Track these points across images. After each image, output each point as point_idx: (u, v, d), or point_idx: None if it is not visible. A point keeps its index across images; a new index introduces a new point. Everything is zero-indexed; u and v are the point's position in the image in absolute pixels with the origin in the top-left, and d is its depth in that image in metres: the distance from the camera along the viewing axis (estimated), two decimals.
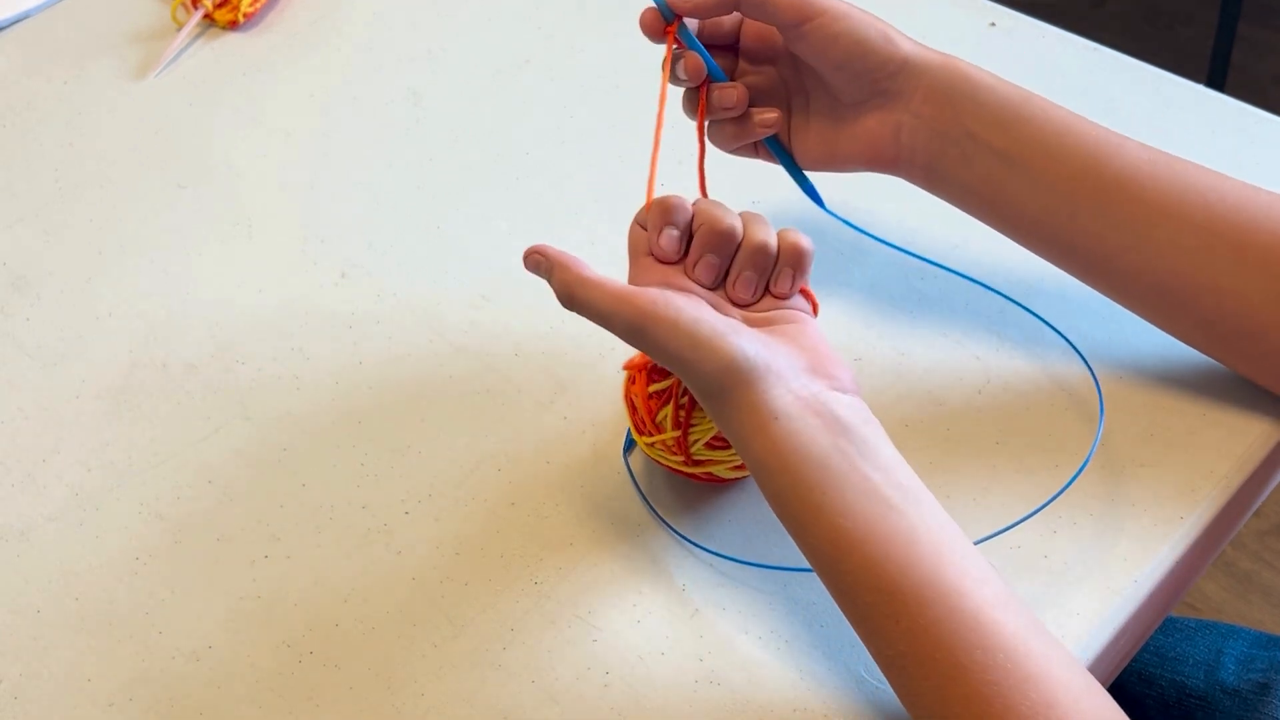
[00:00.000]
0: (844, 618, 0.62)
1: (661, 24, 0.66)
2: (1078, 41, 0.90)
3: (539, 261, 0.63)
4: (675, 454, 0.65)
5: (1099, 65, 0.89)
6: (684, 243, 0.63)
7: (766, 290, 0.63)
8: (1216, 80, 1.97)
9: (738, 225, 0.62)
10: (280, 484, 0.70)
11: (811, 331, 0.62)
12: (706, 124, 0.70)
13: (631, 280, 0.64)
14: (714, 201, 0.64)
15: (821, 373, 0.59)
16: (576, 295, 0.60)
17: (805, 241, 0.63)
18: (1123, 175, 0.65)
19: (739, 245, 0.63)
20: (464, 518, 0.68)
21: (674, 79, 0.68)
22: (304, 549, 0.68)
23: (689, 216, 0.63)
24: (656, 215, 0.63)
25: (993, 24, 0.92)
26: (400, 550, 0.67)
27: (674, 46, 0.67)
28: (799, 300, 0.64)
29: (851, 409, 0.58)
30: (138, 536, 0.69)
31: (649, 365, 0.65)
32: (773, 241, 0.63)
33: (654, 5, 0.66)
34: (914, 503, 0.56)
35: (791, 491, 0.57)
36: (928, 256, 0.77)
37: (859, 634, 0.57)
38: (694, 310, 0.59)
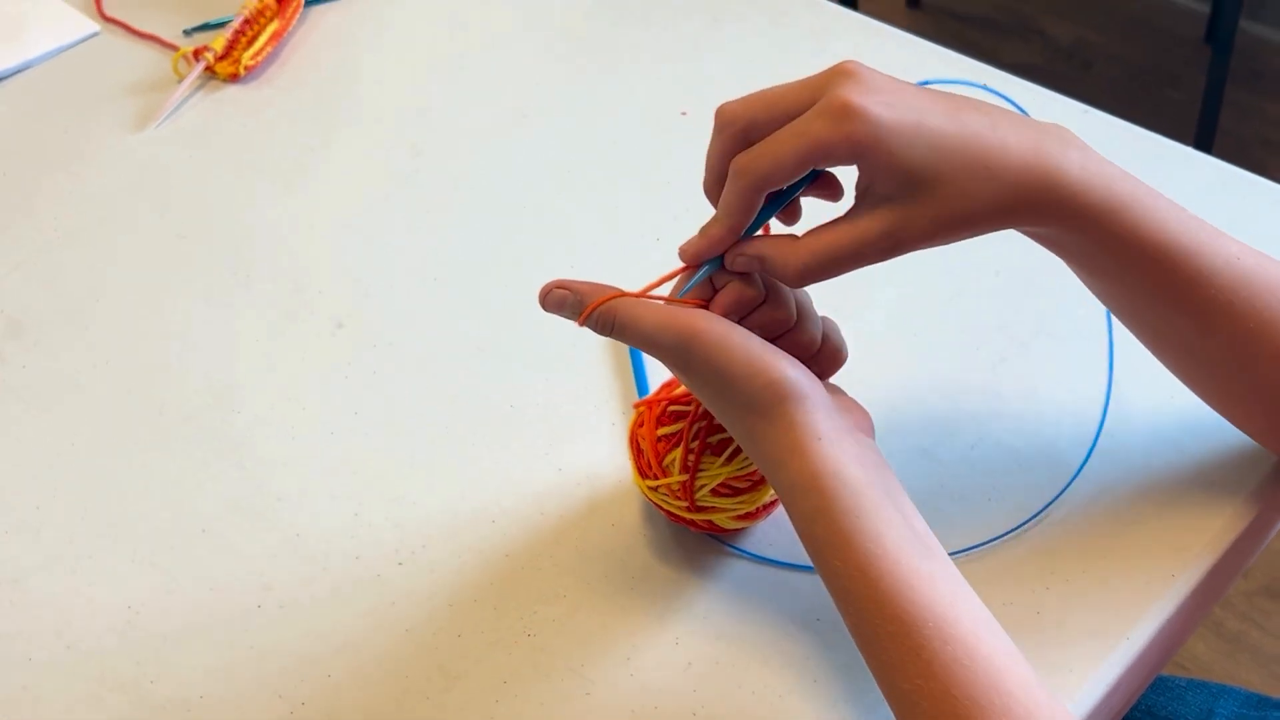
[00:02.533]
0: (839, 671, 0.62)
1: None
2: (1068, 104, 0.91)
3: (564, 297, 0.62)
4: (679, 499, 0.65)
5: (1089, 127, 0.89)
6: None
7: None
8: (1204, 143, 1.99)
9: (793, 317, 0.62)
10: (274, 534, 0.70)
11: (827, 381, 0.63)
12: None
13: None
14: (777, 283, 0.62)
15: (844, 411, 0.60)
16: (620, 320, 0.60)
17: (844, 351, 0.64)
18: (1215, 288, 0.61)
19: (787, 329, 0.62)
20: (458, 569, 0.68)
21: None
22: (297, 599, 0.67)
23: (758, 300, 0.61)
24: (732, 298, 0.61)
25: (984, 86, 0.93)
26: (394, 601, 0.67)
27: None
28: None
29: (872, 449, 0.60)
30: (130, 585, 0.69)
31: (659, 407, 0.66)
32: (817, 340, 0.63)
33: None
34: (929, 549, 0.57)
35: (825, 514, 0.57)
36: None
37: (873, 666, 0.57)
38: (741, 330, 0.59)
